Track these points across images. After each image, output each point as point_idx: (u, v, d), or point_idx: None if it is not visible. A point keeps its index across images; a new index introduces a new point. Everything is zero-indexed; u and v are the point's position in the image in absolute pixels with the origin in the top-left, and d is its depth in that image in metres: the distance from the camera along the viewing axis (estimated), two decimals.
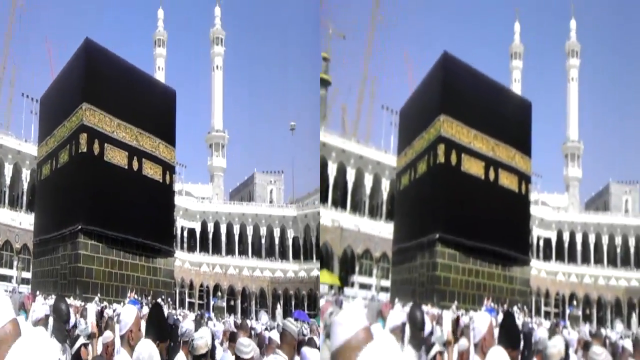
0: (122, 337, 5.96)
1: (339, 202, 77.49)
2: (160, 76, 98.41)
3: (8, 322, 2.55)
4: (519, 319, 32.71)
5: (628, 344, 12.25)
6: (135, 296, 40.14)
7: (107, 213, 42.20)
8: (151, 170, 46.81)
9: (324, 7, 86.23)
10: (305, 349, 9.85)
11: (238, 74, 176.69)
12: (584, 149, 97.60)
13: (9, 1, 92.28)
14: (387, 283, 56.03)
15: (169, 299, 45.75)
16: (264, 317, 52.94)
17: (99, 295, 39.39)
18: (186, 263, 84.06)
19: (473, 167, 42.99)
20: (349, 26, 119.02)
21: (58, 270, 43.33)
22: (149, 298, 41.76)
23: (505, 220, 43.08)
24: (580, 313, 75.66)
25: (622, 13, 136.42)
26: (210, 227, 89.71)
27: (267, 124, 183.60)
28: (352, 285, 68.49)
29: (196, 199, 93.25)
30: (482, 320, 5.79)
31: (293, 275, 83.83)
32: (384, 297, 49.01)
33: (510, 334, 5.71)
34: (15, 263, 63.40)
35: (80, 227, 41.13)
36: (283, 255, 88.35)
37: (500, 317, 28.41)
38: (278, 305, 76.55)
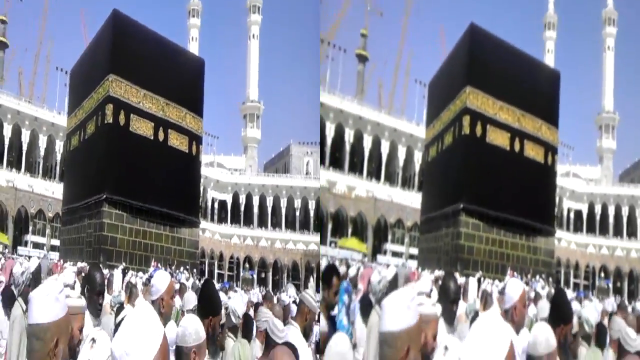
0: (153, 302, 5.94)
1: (374, 174, 78.14)
2: (194, 47, 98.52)
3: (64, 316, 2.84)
4: (544, 289, 32.61)
5: None
6: (159, 265, 40.47)
7: (132, 183, 42.41)
8: (177, 141, 46.82)
9: None
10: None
11: (274, 43, 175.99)
12: (619, 120, 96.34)
13: None
14: (415, 251, 56.53)
15: (194, 270, 45.98)
16: (291, 289, 53.02)
17: (123, 263, 39.83)
18: (216, 235, 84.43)
19: (498, 138, 42.77)
20: (386, 3, 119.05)
21: (84, 238, 43.79)
22: (173, 267, 42.15)
23: (530, 191, 42.88)
24: (609, 285, 75.33)
25: None
26: (242, 199, 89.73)
27: (304, 94, 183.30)
28: (385, 253, 69.07)
29: (228, 171, 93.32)
30: (515, 288, 5.71)
31: None
32: (413, 264, 49.33)
33: (563, 310, 5.72)
34: (47, 231, 64.71)
35: (105, 196, 41.45)
36: (318, 228, 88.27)
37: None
38: (311, 279, 76.48)
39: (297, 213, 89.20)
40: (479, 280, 26.33)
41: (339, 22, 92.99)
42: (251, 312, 10.83)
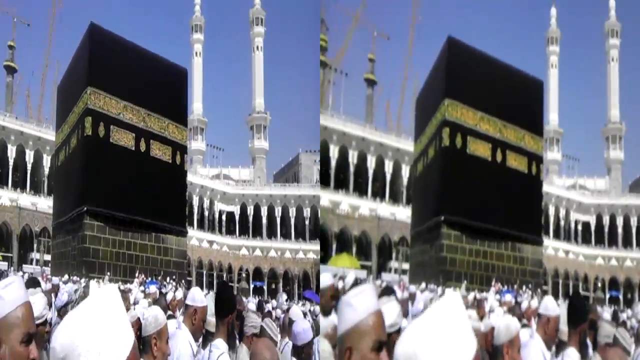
0: (185, 312, 6.24)
1: (380, 194, 78.38)
2: (198, 62, 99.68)
3: (20, 306, 2.44)
4: (530, 299, 32.13)
5: None
6: (144, 277, 40.26)
7: (113, 194, 42.21)
8: (159, 151, 46.60)
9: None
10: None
11: (279, 53, 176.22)
12: (626, 130, 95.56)
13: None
14: None
15: (182, 280, 45.74)
16: (282, 297, 52.65)
17: (108, 274, 39.79)
18: (224, 247, 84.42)
19: (479, 149, 42.41)
20: (392, 27, 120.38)
21: (69, 252, 43.98)
22: (159, 278, 41.93)
23: (515, 201, 42.37)
24: (618, 296, 74.64)
25: None
26: (250, 210, 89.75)
27: (310, 102, 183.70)
28: (389, 270, 68.88)
29: (235, 183, 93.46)
30: (554, 304, 6.34)
31: None
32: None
33: (579, 310, 6.08)
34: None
35: (85, 208, 41.52)
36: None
37: (509, 297, 28.00)
38: None
39: (307, 222, 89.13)
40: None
41: (346, 48, 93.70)
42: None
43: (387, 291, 8.52)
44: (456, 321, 2.02)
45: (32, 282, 7.71)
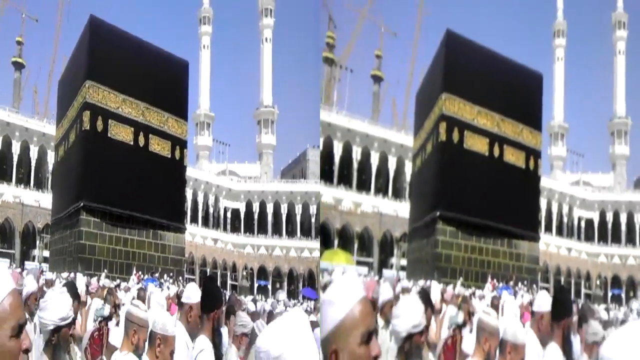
0: (181, 310, 6.38)
1: (383, 190, 78.39)
2: (206, 55, 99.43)
3: (6, 296, 2.16)
4: (523, 296, 32.03)
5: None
6: (141, 274, 40.10)
7: (111, 190, 41.90)
8: (158, 146, 46.20)
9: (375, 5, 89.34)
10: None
11: (287, 46, 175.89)
12: (632, 125, 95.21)
13: None
14: None
15: (179, 277, 45.56)
16: (281, 295, 52.57)
17: (105, 271, 39.51)
18: (229, 245, 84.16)
19: (477, 144, 42.18)
20: (399, 23, 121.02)
21: (66, 248, 43.75)
22: (156, 275, 41.80)
23: (512, 196, 42.07)
24: (620, 294, 74.39)
25: None
26: (256, 207, 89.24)
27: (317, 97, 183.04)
28: (391, 267, 68.93)
29: (240, 179, 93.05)
30: (546, 299, 6.39)
31: None
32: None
33: (564, 304, 6.31)
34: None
35: (82, 204, 41.24)
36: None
37: (506, 295, 27.92)
38: None
39: (313, 220, 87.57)
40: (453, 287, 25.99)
41: (353, 44, 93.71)
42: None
43: (422, 295, 8.34)
44: None
45: (70, 287, 7.54)
